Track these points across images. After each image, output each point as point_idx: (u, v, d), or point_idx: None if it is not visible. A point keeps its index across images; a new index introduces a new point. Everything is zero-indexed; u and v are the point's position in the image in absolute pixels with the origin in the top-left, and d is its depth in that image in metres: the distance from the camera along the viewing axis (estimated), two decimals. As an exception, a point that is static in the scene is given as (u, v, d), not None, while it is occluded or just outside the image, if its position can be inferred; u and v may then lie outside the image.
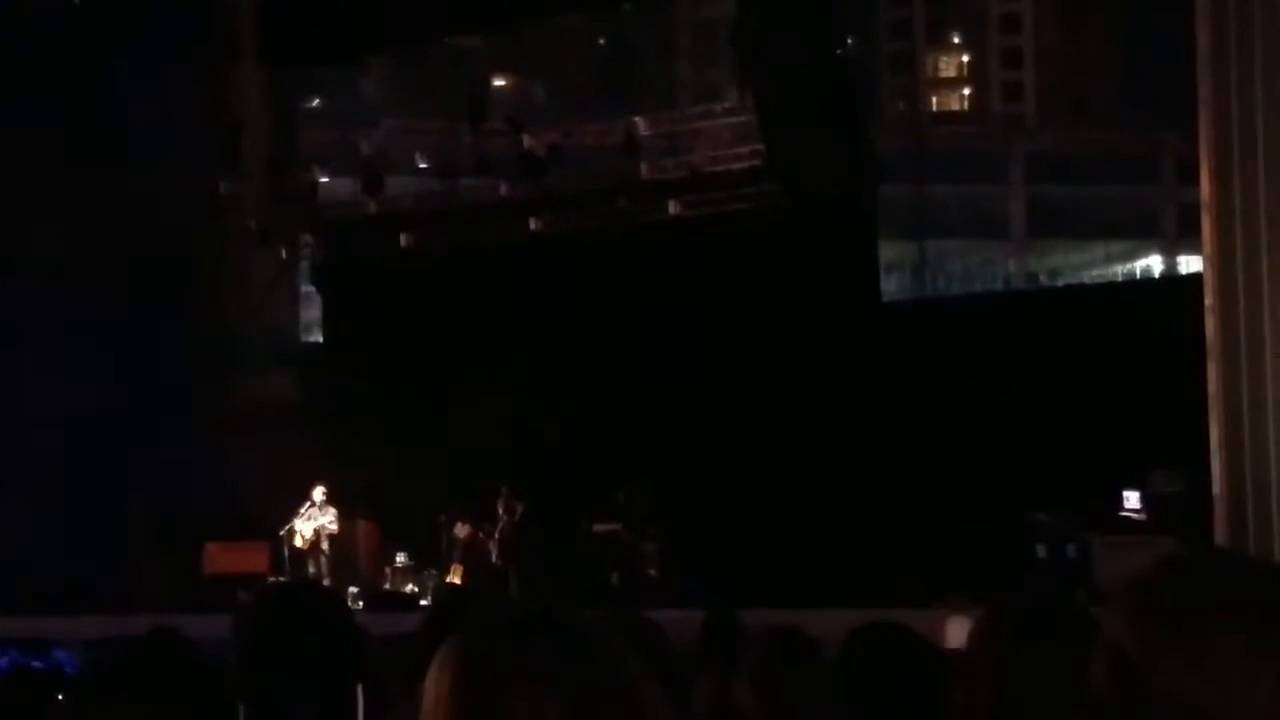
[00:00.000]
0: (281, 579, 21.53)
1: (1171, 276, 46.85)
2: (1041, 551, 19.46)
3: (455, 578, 22.86)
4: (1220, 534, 14.16)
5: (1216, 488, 14.50)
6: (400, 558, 23.74)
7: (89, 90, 24.39)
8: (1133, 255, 54.88)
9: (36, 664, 7.98)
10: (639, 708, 2.03)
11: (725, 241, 24.03)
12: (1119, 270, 53.19)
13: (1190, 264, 37.24)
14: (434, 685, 2.07)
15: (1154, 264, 53.88)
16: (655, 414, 23.40)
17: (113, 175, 24.14)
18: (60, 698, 6.35)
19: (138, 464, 23.86)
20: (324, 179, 28.30)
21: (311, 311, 30.24)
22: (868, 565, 19.20)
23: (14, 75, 24.13)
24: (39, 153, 23.96)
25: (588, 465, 22.79)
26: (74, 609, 19.26)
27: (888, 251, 28.68)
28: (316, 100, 31.90)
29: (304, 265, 29.28)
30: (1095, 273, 53.02)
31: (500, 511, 23.35)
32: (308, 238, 28.51)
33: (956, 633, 8.91)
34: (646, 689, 2.06)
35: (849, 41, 26.45)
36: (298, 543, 23.29)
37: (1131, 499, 19.72)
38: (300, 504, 23.37)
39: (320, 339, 29.56)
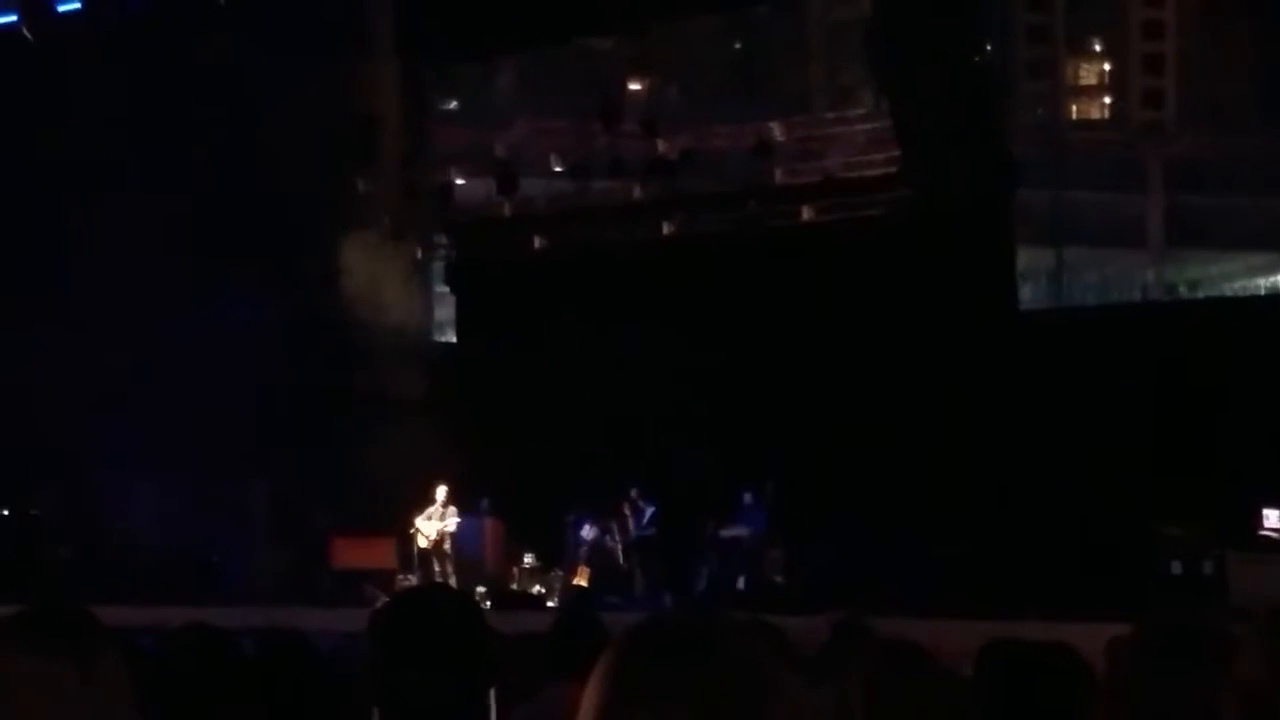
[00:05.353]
0: (411, 580, 21.72)
1: (1314, 290, 45.90)
2: (1176, 567, 19.14)
3: (581, 579, 22.90)
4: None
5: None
6: (528, 558, 23.81)
7: (228, 85, 24.68)
8: (1275, 268, 53.79)
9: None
10: None
11: (859, 247, 23.88)
12: (1260, 283, 52.18)
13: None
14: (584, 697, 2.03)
15: (1296, 277, 52.80)
16: (784, 419, 23.31)
17: (248, 171, 24.40)
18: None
19: (267, 458, 24.12)
20: (459, 180, 28.44)
21: (444, 311, 30.41)
22: (999, 575, 19.02)
23: (155, 69, 24.46)
24: (175, 145, 24.27)
25: (715, 469, 22.72)
26: (200, 599, 19.51)
27: (1024, 258, 28.27)
28: (452, 101, 32.10)
29: (437, 265, 29.46)
30: (1236, 285, 52.10)
31: (627, 514, 23.36)
32: (441, 237, 28.68)
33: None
34: (784, 707, 1.98)
35: (986, 47, 26.09)
36: (421, 543, 23.42)
37: (1271, 517, 19.35)
38: (426, 502, 23.51)
39: (452, 338, 29.72)
